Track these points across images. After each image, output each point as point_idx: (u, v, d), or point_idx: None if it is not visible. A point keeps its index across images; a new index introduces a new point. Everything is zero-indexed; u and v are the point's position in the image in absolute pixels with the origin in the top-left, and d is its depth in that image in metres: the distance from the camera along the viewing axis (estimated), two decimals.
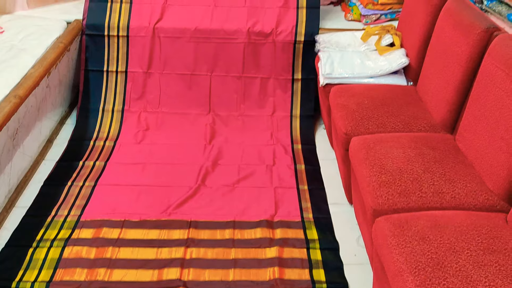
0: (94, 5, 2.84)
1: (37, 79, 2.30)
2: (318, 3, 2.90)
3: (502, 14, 2.25)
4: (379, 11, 3.01)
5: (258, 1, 2.89)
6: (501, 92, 1.60)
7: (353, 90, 2.30)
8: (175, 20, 2.81)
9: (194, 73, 2.86)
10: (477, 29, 1.81)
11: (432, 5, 2.21)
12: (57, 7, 3.08)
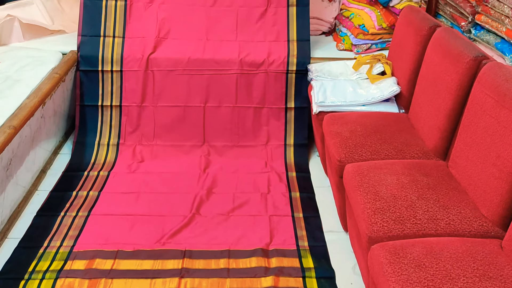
0: (87, 39, 2.88)
1: (32, 109, 2.31)
2: (308, 36, 2.95)
3: (490, 43, 2.30)
4: (370, 41, 3.07)
5: (249, 35, 2.94)
6: (491, 119, 1.62)
7: (346, 117, 2.32)
8: (168, 53, 2.85)
9: (187, 105, 2.88)
10: (466, 57, 1.85)
11: (421, 35, 2.26)
12: (52, 39, 3.13)
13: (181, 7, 2.96)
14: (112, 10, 2.92)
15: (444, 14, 2.80)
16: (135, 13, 2.94)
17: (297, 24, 2.95)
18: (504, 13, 2.18)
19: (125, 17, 2.93)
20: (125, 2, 2.93)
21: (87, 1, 2.91)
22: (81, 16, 2.90)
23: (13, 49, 2.91)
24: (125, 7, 2.93)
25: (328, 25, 3.43)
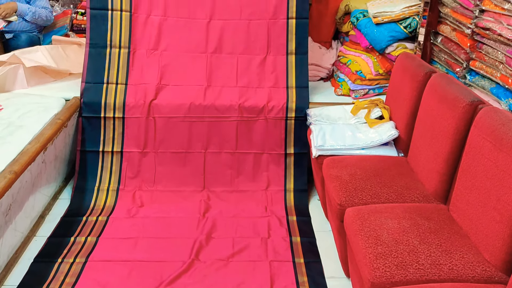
0: (90, 86, 2.93)
1: (33, 154, 2.32)
2: (306, 83, 3.01)
3: (485, 88, 2.34)
4: (367, 86, 3.13)
5: (249, 81, 2.99)
6: (490, 163, 1.63)
7: (346, 161, 2.33)
8: (169, 100, 2.89)
9: (188, 151, 2.91)
10: (462, 102, 1.89)
11: (417, 81, 2.31)
12: (56, 85, 3.18)
13: (182, 54, 3.04)
14: (116, 58, 2.99)
15: (439, 60, 2.87)
16: (137, 60, 3.01)
17: (296, 71, 3.02)
18: (498, 59, 2.23)
19: (128, 64, 3.00)
20: (128, 50, 3.01)
21: (92, 50, 2.99)
22: (86, 64, 2.97)
23: (16, 96, 2.95)
24: (128, 54, 3.01)
25: (326, 71, 3.51)
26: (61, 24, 3.87)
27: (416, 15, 3.02)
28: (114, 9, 2.99)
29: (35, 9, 3.62)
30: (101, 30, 2.99)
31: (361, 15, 3.24)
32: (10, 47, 3.50)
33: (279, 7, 3.02)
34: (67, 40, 3.56)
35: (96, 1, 2.98)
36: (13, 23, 3.56)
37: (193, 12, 3.05)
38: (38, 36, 3.78)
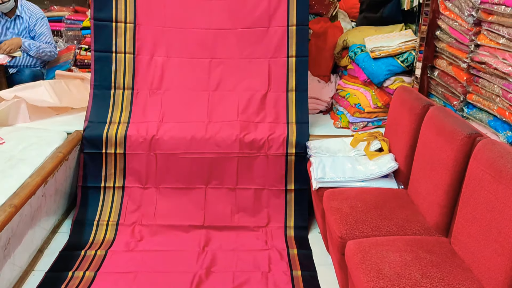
0: (93, 125, 2.96)
1: (34, 188, 2.32)
2: (307, 119, 3.04)
3: (483, 121, 2.37)
4: (366, 119, 3.17)
5: (250, 117, 3.02)
6: (490, 195, 1.64)
7: (346, 193, 2.33)
8: (170, 136, 2.91)
9: (189, 186, 2.91)
10: (460, 135, 1.91)
11: (415, 114, 2.34)
12: (58, 119, 3.21)
13: (185, 92, 3.08)
14: (120, 99, 3.04)
15: (436, 93, 2.91)
16: (140, 100, 3.05)
17: (296, 108, 3.05)
18: (495, 93, 2.26)
19: (131, 105, 3.03)
20: (132, 90, 3.06)
21: (96, 91, 3.04)
22: (90, 105, 3.02)
23: (19, 129, 2.98)
24: (132, 95, 3.06)
25: (325, 104, 3.55)
26: (65, 59, 3.94)
27: (413, 50, 3.08)
28: (118, 51, 3.05)
29: (39, 45, 3.69)
30: (105, 72, 3.04)
31: (358, 49, 3.30)
32: (14, 81, 3.56)
33: (280, 46, 3.07)
34: (70, 75, 3.62)
35: (100, 43, 3.04)
36: (17, 58, 3.63)
37: (195, 52, 3.11)
38: (42, 71, 3.84)
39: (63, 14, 4.37)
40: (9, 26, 3.73)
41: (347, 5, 4.14)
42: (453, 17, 2.62)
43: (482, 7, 2.31)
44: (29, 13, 3.72)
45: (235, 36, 3.11)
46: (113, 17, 3.04)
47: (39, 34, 3.74)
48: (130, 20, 3.06)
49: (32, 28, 3.73)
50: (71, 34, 4.19)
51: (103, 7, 3.03)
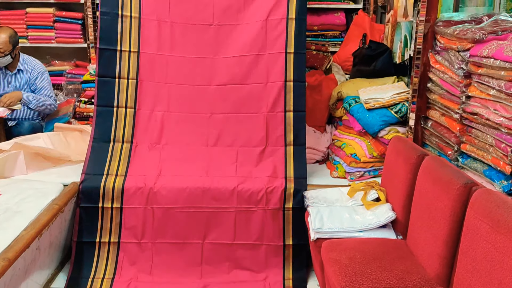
0: (90, 177, 2.95)
1: (28, 241, 2.29)
2: (305, 173, 3.04)
3: (478, 170, 2.39)
4: (362, 168, 3.18)
5: (248, 171, 3.02)
6: (489, 245, 1.63)
7: (344, 244, 2.31)
8: (168, 190, 2.90)
9: (186, 241, 2.88)
10: (455, 184, 1.92)
11: (410, 163, 2.36)
12: (55, 171, 3.21)
13: (184, 147, 3.10)
14: (118, 152, 3.05)
15: (431, 143, 2.95)
16: (139, 154, 3.07)
17: (294, 162, 3.06)
18: (488, 142, 2.30)
19: (129, 158, 3.05)
20: (131, 144, 3.08)
21: (95, 144, 3.06)
22: (87, 157, 3.03)
23: (15, 181, 2.97)
24: (130, 148, 3.08)
25: (322, 154, 3.58)
26: (64, 112, 3.99)
27: (406, 101, 3.15)
28: (120, 106, 3.11)
29: (40, 98, 3.75)
30: (106, 126, 3.08)
31: (353, 101, 3.37)
32: (13, 134, 3.58)
33: (277, 101, 3.12)
34: (69, 127, 3.65)
35: (102, 98, 3.10)
36: (16, 111, 3.67)
37: (195, 107, 3.15)
38: (41, 123, 3.88)
39: (64, 68, 4.47)
40: (10, 80, 3.81)
41: (341, 59, 4.27)
42: (444, 70, 2.70)
43: (472, 60, 2.39)
44: (30, 68, 3.81)
45: (234, 91, 3.16)
46: (117, 73, 3.11)
47: (40, 88, 3.81)
48: (132, 76, 3.12)
49: (33, 82, 3.80)
50: (71, 88, 4.27)
51: (107, 64, 3.10)
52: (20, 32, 4.31)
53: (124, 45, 3.12)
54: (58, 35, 4.52)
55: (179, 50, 3.17)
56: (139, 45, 3.14)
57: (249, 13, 3.18)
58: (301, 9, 3.13)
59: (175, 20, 3.17)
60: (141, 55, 3.13)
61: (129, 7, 3.13)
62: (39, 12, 4.47)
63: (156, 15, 3.16)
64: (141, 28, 3.14)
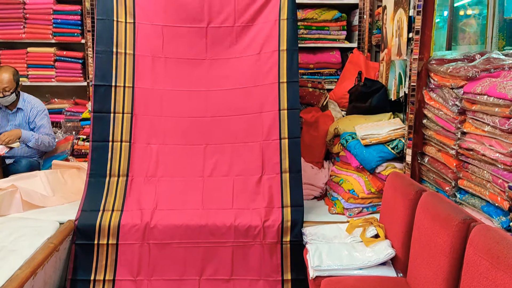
0: (86, 214, 2.94)
1: (23, 281, 2.25)
2: (301, 201, 3.05)
3: (476, 206, 2.38)
4: (360, 204, 3.17)
5: (244, 202, 3.02)
6: (489, 282, 1.61)
7: (344, 282, 2.28)
8: (164, 225, 2.89)
9: (182, 278, 2.85)
10: (454, 220, 1.91)
11: (408, 199, 2.36)
12: (51, 209, 3.19)
13: (179, 179, 3.11)
14: (114, 186, 3.06)
15: (428, 179, 2.95)
16: (135, 187, 3.07)
17: (291, 189, 3.07)
18: (485, 178, 2.30)
19: (125, 192, 3.05)
20: (127, 178, 3.08)
21: (92, 179, 3.06)
22: (85, 193, 3.02)
23: (11, 220, 2.95)
24: (126, 182, 3.08)
25: (320, 190, 3.57)
26: (62, 150, 4.00)
27: (402, 137, 3.18)
28: (115, 140, 3.13)
29: (39, 136, 3.77)
30: (102, 160, 3.09)
31: (350, 137, 3.40)
32: (10, 172, 3.58)
33: (272, 129, 3.16)
34: (66, 165, 3.66)
35: (98, 134, 3.13)
36: (14, 149, 3.68)
37: (191, 139, 3.18)
38: (39, 161, 3.88)
39: (64, 106, 4.52)
40: (10, 118, 3.83)
41: (337, 96, 4.33)
42: (438, 106, 2.74)
43: (465, 97, 2.43)
44: (30, 106, 3.84)
45: (229, 122, 3.21)
46: (112, 108, 3.14)
47: (39, 126, 3.83)
48: (127, 110, 3.16)
49: (32, 120, 3.83)
50: (70, 125, 4.30)
51: (103, 100, 3.14)
52: (21, 71, 4.37)
53: (119, 81, 3.17)
54: (58, 74, 4.59)
55: (173, 84, 3.23)
56: (133, 80, 3.19)
57: (242, 47, 3.27)
58: (292, 40, 3.20)
59: (168, 56, 3.24)
60: (136, 90, 3.18)
61: (124, 45, 3.20)
62: (40, 52, 4.55)
63: (150, 52, 3.23)
64: (135, 64, 3.20)
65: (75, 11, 4.49)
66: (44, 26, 4.50)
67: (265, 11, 3.24)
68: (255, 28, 3.25)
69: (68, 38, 4.54)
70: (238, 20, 3.26)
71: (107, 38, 3.18)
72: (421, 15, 2.87)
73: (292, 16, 3.21)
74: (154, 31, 3.23)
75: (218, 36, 3.26)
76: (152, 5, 3.23)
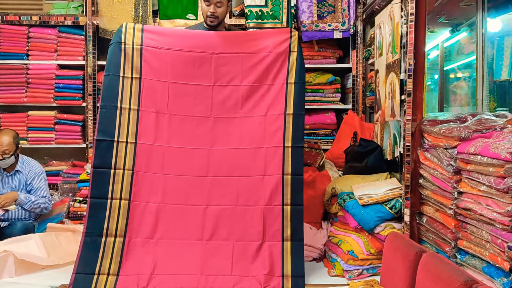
0: (80, 277, 2.86)
1: None
2: (302, 272, 2.97)
3: (477, 268, 2.35)
4: (360, 266, 3.12)
5: (244, 270, 2.95)
6: None
7: None
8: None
9: None
10: (456, 282, 1.88)
11: (409, 260, 2.32)
12: (44, 273, 3.12)
13: (178, 241, 3.02)
14: (110, 248, 2.95)
15: (428, 239, 2.92)
16: (132, 249, 2.98)
17: (292, 258, 2.98)
18: (484, 238, 2.29)
19: (121, 254, 2.95)
20: (124, 238, 2.99)
21: (87, 238, 2.96)
22: (79, 254, 2.93)
23: (3, 284, 2.87)
24: (123, 243, 2.98)
25: (318, 251, 3.52)
26: (58, 212, 3.97)
27: (399, 197, 3.18)
28: (114, 197, 3.03)
29: (35, 199, 3.75)
30: (99, 218, 3.00)
31: (347, 197, 3.40)
32: (4, 235, 3.53)
33: (274, 194, 3.09)
34: (61, 227, 3.61)
35: (97, 189, 3.03)
36: (10, 212, 3.65)
37: (191, 199, 3.10)
38: (33, 223, 3.84)
39: (61, 168, 4.52)
40: (7, 181, 3.83)
41: (333, 156, 4.38)
42: (434, 166, 2.77)
43: (459, 157, 2.46)
44: (28, 168, 3.86)
45: (231, 183, 3.13)
46: (112, 164, 3.07)
47: (36, 189, 3.83)
48: (128, 167, 3.08)
49: (30, 182, 3.83)
50: (67, 187, 4.29)
51: (104, 155, 3.07)
52: (21, 134, 4.42)
53: (122, 136, 3.11)
54: (58, 136, 4.63)
55: (176, 141, 3.17)
56: (136, 136, 3.13)
57: (248, 107, 3.23)
58: (299, 104, 3.20)
59: (173, 112, 3.20)
60: (138, 145, 3.12)
61: (128, 100, 3.17)
62: (41, 115, 4.62)
63: (155, 108, 3.19)
64: (139, 120, 3.16)
65: (77, 76, 4.62)
66: (46, 90, 4.60)
67: (273, 72, 3.23)
68: (263, 89, 3.24)
69: (69, 102, 4.62)
70: (245, 79, 3.24)
71: (112, 93, 3.15)
72: (412, 78, 2.97)
73: (300, 80, 3.22)
74: (160, 87, 3.21)
75: (224, 94, 3.24)
76: (159, 62, 3.23)
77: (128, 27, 3.23)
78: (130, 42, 3.21)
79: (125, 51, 3.19)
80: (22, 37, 4.59)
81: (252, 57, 3.24)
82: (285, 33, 3.28)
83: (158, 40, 3.25)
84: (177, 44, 3.23)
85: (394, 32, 3.37)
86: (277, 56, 3.23)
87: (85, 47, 4.57)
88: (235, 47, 3.26)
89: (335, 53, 4.70)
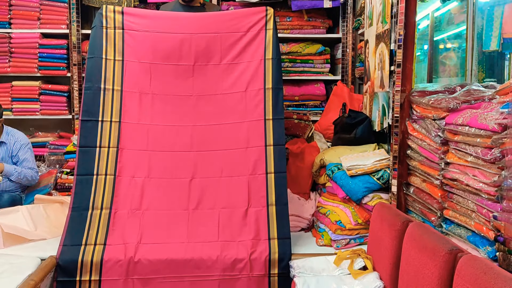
0: (67, 249, 2.89)
1: None
2: (288, 233, 3.04)
3: (462, 237, 2.39)
4: (348, 236, 3.16)
5: (230, 235, 3.00)
6: None
7: None
8: (149, 259, 2.84)
9: None
10: (441, 251, 1.91)
11: (395, 230, 2.36)
12: (32, 245, 3.11)
13: (164, 212, 3.08)
14: (96, 220, 3.00)
15: (414, 209, 2.96)
16: (118, 221, 3.03)
17: (277, 222, 3.06)
18: (470, 208, 2.31)
19: (108, 225, 3.00)
20: (110, 210, 3.05)
21: (74, 213, 3.02)
22: (66, 226, 2.97)
23: None
24: (109, 215, 3.03)
25: (307, 221, 3.56)
26: (45, 183, 3.94)
27: (387, 168, 3.21)
28: (99, 173, 3.12)
29: (21, 170, 3.71)
30: (85, 194, 3.06)
31: (335, 168, 3.42)
32: None
33: (258, 164, 3.20)
34: (49, 199, 3.59)
35: (83, 167, 3.11)
36: None
37: (176, 173, 3.19)
38: (21, 195, 3.81)
39: (48, 140, 4.47)
40: None
41: (322, 127, 4.38)
42: (422, 137, 2.78)
43: (447, 128, 2.47)
44: (13, 140, 3.80)
45: (215, 157, 3.23)
46: (98, 143, 3.16)
47: (22, 160, 3.78)
48: (113, 145, 3.18)
49: (16, 154, 3.78)
50: (54, 159, 4.25)
51: (89, 135, 3.16)
52: (5, 105, 4.36)
53: (106, 116, 3.21)
54: (43, 107, 4.57)
55: (160, 120, 3.27)
56: (120, 115, 3.23)
57: (228, 84, 3.36)
58: (277, 79, 3.34)
59: (156, 92, 3.32)
60: (122, 124, 3.22)
61: (112, 81, 3.27)
62: (25, 85, 4.54)
63: (138, 88, 3.31)
64: (123, 100, 3.26)
65: (61, 45, 4.52)
66: (30, 60, 4.51)
67: (250, 50, 3.37)
68: (241, 66, 3.37)
69: (53, 72, 4.55)
70: (224, 58, 3.38)
71: (96, 75, 3.25)
72: (402, 48, 2.94)
73: (277, 56, 3.37)
74: (142, 68, 3.32)
75: (205, 73, 3.36)
76: (140, 44, 3.35)
77: (108, 10, 3.35)
78: (112, 26, 3.33)
79: (107, 35, 3.32)
80: (4, 5, 4.47)
81: (230, 36, 3.38)
82: (260, 12, 3.43)
83: (138, 22, 3.38)
84: (157, 26, 3.36)
85: (385, 1, 3.33)
86: (254, 35, 3.39)
87: (69, 15, 4.45)
88: (213, 27, 3.40)
89: (325, 23, 4.64)
